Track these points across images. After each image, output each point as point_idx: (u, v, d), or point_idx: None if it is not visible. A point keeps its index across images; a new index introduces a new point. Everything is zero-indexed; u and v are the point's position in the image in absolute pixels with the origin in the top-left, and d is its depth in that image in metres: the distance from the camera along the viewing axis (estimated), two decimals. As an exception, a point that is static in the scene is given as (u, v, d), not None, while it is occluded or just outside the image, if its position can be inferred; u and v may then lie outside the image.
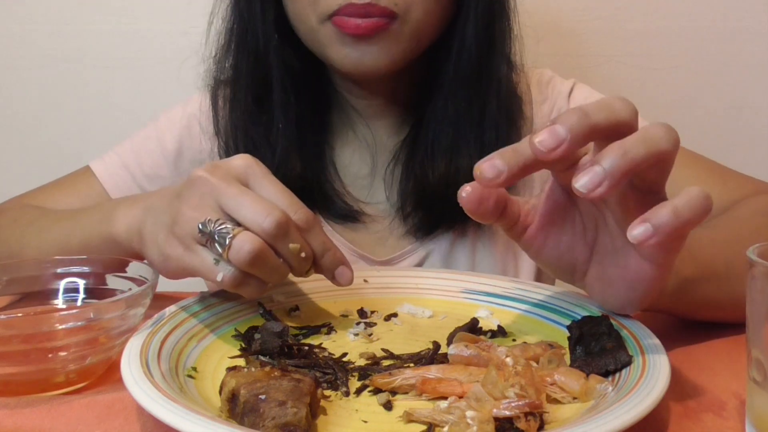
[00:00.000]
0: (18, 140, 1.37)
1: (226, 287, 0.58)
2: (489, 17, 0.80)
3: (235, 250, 0.55)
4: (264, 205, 0.56)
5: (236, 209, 0.56)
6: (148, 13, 1.31)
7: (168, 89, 1.26)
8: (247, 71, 0.83)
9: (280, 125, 0.82)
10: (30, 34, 1.32)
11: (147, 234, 0.62)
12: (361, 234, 0.86)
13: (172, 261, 0.59)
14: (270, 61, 0.82)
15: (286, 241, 0.57)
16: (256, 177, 0.59)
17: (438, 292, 0.72)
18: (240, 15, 0.83)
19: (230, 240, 0.55)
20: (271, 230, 0.55)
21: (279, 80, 0.82)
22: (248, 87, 0.83)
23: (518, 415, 0.45)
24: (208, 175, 0.58)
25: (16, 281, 0.64)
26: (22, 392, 0.54)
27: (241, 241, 0.55)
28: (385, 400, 0.51)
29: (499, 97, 0.81)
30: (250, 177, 0.59)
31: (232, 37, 0.85)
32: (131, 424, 0.50)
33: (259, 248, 0.55)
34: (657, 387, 0.47)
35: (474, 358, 0.55)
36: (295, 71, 0.83)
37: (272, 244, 0.56)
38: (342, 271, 0.62)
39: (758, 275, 0.44)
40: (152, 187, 0.88)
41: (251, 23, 0.82)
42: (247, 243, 0.55)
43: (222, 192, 0.57)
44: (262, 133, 0.83)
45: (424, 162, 0.82)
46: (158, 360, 0.52)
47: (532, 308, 0.67)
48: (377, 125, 0.87)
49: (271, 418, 0.44)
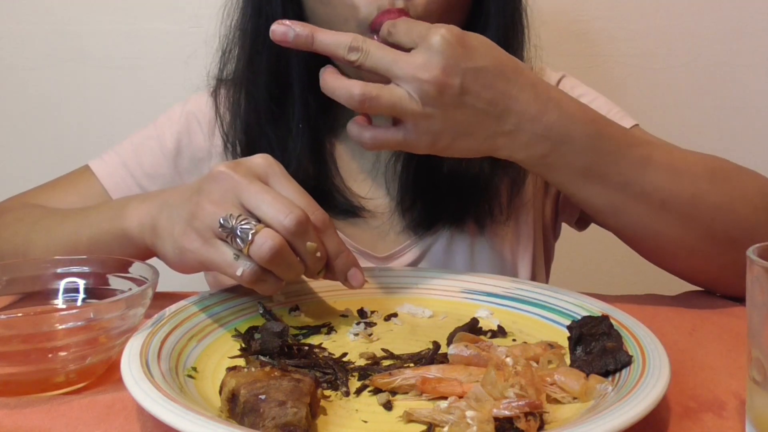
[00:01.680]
0: (18, 140, 1.37)
1: (245, 282, 0.58)
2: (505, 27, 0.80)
3: (257, 246, 0.56)
4: (285, 202, 0.57)
5: (257, 206, 0.58)
6: (148, 13, 1.31)
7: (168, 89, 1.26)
8: (265, 69, 0.83)
9: (300, 125, 0.83)
10: (30, 34, 1.32)
11: (162, 228, 0.63)
12: (361, 229, 0.86)
13: (189, 254, 0.60)
14: (291, 60, 0.82)
15: (304, 239, 0.58)
16: (276, 176, 0.61)
17: (438, 292, 0.72)
18: (257, 11, 0.83)
19: (252, 236, 0.56)
20: (291, 228, 0.57)
21: (298, 80, 0.82)
22: (265, 85, 0.83)
23: (518, 415, 0.45)
24: (230, 171, 0.59)
25: (16, 281, 0.64)
26: (22, 392, 0.54)
27: (263, 237, 0.56)
28: (385, 400, 0.51)
29: None
30: (270, 176, 0.61)
31: (246, 34, 0.84)
32: (131, 424, 0.50)
33: (280, 245, 0.56)
34: (657, 387, 0.47)
35: (474, 358, 0.55)
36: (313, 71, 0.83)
37: (291, 241, 0.58)
38: (354, 273, 0.64)
39: (758, 275, 0.44)
40: (152, 186, 0.88)
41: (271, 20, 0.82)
42: (269, 239, 0.56)
43: (244, 188, 0.58)
44: (276, 130, 0.83)
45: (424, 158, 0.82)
46: (158, 360, 0.53)
47: (532, 308, 0.67)
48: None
49: (271, 418, 0.44)
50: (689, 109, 1.34)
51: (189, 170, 0.90)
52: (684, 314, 0.71)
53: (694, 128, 1.33)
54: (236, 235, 0.57)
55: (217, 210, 0.58)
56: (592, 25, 1.31)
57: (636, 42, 1.32)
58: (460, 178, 0.81)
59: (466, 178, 0.81)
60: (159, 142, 0.90)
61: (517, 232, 0.87)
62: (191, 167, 0.90)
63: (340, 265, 0.63)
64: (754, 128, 1.35)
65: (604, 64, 1.32)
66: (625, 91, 1.30)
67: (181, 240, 0.60)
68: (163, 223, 0.63)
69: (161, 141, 0.90)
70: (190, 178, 0.89)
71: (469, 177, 0.81)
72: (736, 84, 1.33)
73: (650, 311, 0.70)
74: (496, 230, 0.86)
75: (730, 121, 1.35)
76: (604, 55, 1.32)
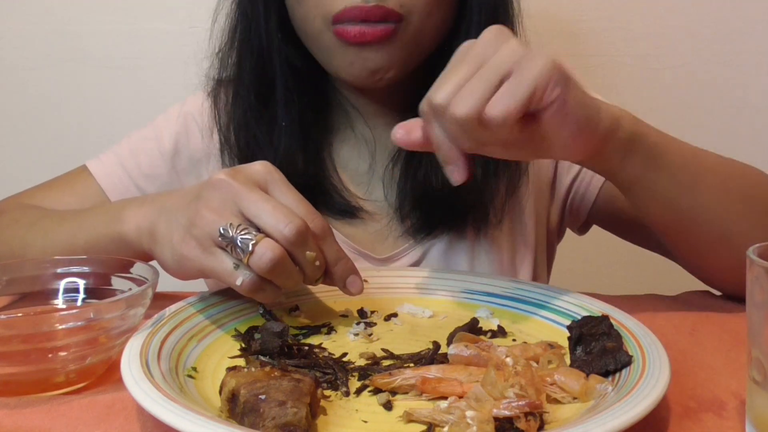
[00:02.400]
0: (18, 140, 1.37)
1: (244, 292, 0.58)
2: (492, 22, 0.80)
3: (257, 257, 0.56)
4: (284, 212, 0.57)
5: (257, 215, 0.57)
6: (148, 13, 1.31)
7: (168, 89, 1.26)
8: (250, 69, 0.83)
9: (284, 123, 0.83)
10: (30, 34, 1.32)
11: (160, 234, 0.63)
12: (359, 230, 0.86)
13: (188, 262, 0.60)
14: (273, 61, 0.82)
15: (304, 248, 0.58)
16: (276, 183, 0.60)
17: (438, 292, 0.72)
18: (243, 14, 0.84)
19: (253, 246, 0.56)
20: (291, 237, 0.57)
21: (282, 79, 0.83)
22: (251, 85, 0.84)
23: (518, 415, 0.45)
24: (229, 179, 0.59)
25: (16, 281, 0.64)
26: (22, 392, 0.54)
27: (263, 248, 0.56)
28: (385, 400, 0.51)
29: None
30: (270, 183, 0.60)
31: (235, 35, 0.85)
32: (131, 424, 0.50)
33: (280, 255, 0.56)
34: (657, 387, 0.47)
35: (474, 358, 0.55)
36: (298, 70, 0.83)
37: (291, 251, 0.58)
38: (353, 281, 0.64)
39: (758, 275, 0.44)
40: (150, 187, 0.88)
41: (254, 22, 0.82)
42: (269, 251, 0.56)
43: (243, 196, 0.58)
44: (265, 130, 0.83)
45: (422, 164, 0.82)
46: (158, 360, 0.53)
47: (532, 308, 0.67)
48: (376, 123, 0.87)
49: (271, 418, 0.44)
50: (689, 109, 1.34)
51: (187, 171, 0.90)
52: (684, 314, 0.71)
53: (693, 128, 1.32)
54: (236, 245, 0.56)
55: (216, 218, 0.58)
56: (592, 25, 1.31)
57: (635, 42, 1.32)
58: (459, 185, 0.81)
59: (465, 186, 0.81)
60: (157, 142, 0.90)
61: (516, 235, 0.87)
62: (189, 168, 0.90)
63: (339, 272, 0.63)
64: (754, 128, 1.35)
65: (603, 64, 1.32)
66: (625, 91, 1.30)
67: (180, 247, 0.60)
68: (161, 228, 0.63)
69: (159, 141, 0.90)
70: (188, 178, 0.89)
71: (467, 184, 0.81)
72: (736, 84, 1.33)
73: (650, 311, 0.70)
74: (494, 234, 0.86)
75: (730, 121, 1.35)
76: (604, 55, 1.32)
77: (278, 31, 0.82)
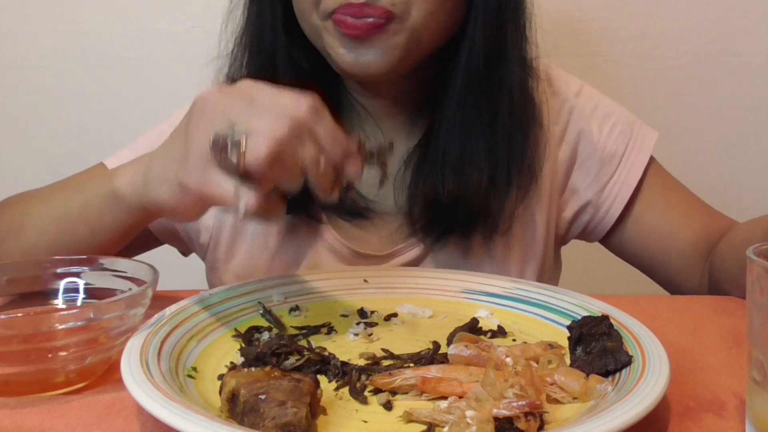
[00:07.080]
0: (18, 140, 1.37)
1: (248, 212, 0.56)
2: (499, 22, 0.79)
3: (252, 148, 0.55)
4: (274, 110, 0.56)
5: (248, 119, 0.56)
6: (148, 13, 1.31)
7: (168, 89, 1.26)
8: (256, 70, 0.83)
9: None
10: (30, 34, 1.32)
11: (154, 176, 0.63)
12: (368, 233, 0.86)
13: (188, 193, 0.59)
14: (278, 62, 0.82)
15: (299, 140, 0.57)
16: (259, 89, 0.59)
17: (438, 292, 0.72)
18: (250, 14, 0.84)
19: (246, 140, 0.55)
20: (284, 130, 0.55)
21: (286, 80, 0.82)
22: None
23: (518, 415, 0.45)
24: (211, 96, 0.59)
25: (16, 281, 0.64)
26: (22, 392, 0.54)
27: (257, 139, 0.55)
28: (385, 400, 0.51)
29: (511, 106, 0.81)
30: (255, 90, 0.59)
31: (245, 35, 0.85)
32: (131, 424, 0.50)
33: (276, 145, 0.55)
34: (657, 387, 0.47)
35: (474, 358, 0.55)
36: (304, 72, 0.83)
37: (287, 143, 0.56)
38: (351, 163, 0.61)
39: (758, 275, 0.44)
40: None
41: (261, 23, 0.82)
42: (263, 140, 0.55)
43: (231, 106, 0.57)
44: None
45: (433, 173, 0.81)
46: (158, 360, 0.53)
47: (532, 308, 0.67)
48: (387, 125, 0.87)
49: (271, 418, 0.44)
50: (689, 109, 1.34)
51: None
52: (684, 314, 0.71)
53: (694, 128, 1.33)
54: (230, 146, 0.55)
55: (208, 131, 0.57)
56: (592, 25, 1.31)
57: (636, 42, 1.32)
58: (470, 195, 0.81)
59: (470, 192, 0.81)
60: None
61: (524, 243, 0.87)
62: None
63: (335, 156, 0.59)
64: (754, 128, 1.35)
65: (604, 64, 1.32)
66: (625, 91, 1.30)
67: (179, 177, 0.59)
68: (155, 171, 0.63)
69: None
70: None
71: (472, 190, 0.80)
72: (736, 83, 1.33)
73: (650, 311, 0.70)
74: (502, 241, 0.85)
75: (730, 120, 1.35)
76: (604, 55, 1.32)
77: (284, 32, 0.82)
